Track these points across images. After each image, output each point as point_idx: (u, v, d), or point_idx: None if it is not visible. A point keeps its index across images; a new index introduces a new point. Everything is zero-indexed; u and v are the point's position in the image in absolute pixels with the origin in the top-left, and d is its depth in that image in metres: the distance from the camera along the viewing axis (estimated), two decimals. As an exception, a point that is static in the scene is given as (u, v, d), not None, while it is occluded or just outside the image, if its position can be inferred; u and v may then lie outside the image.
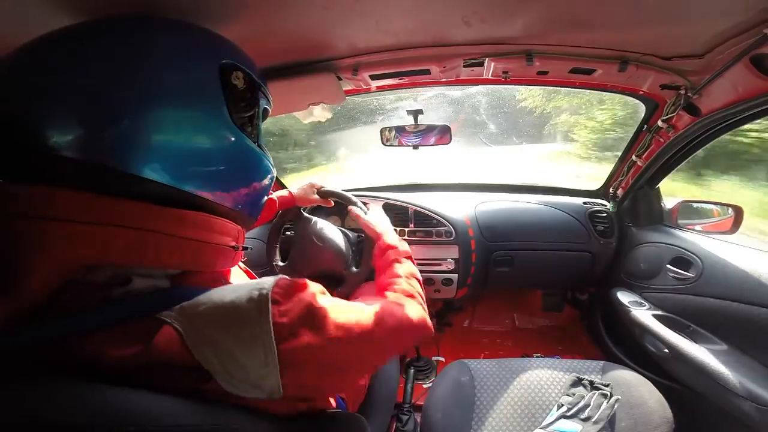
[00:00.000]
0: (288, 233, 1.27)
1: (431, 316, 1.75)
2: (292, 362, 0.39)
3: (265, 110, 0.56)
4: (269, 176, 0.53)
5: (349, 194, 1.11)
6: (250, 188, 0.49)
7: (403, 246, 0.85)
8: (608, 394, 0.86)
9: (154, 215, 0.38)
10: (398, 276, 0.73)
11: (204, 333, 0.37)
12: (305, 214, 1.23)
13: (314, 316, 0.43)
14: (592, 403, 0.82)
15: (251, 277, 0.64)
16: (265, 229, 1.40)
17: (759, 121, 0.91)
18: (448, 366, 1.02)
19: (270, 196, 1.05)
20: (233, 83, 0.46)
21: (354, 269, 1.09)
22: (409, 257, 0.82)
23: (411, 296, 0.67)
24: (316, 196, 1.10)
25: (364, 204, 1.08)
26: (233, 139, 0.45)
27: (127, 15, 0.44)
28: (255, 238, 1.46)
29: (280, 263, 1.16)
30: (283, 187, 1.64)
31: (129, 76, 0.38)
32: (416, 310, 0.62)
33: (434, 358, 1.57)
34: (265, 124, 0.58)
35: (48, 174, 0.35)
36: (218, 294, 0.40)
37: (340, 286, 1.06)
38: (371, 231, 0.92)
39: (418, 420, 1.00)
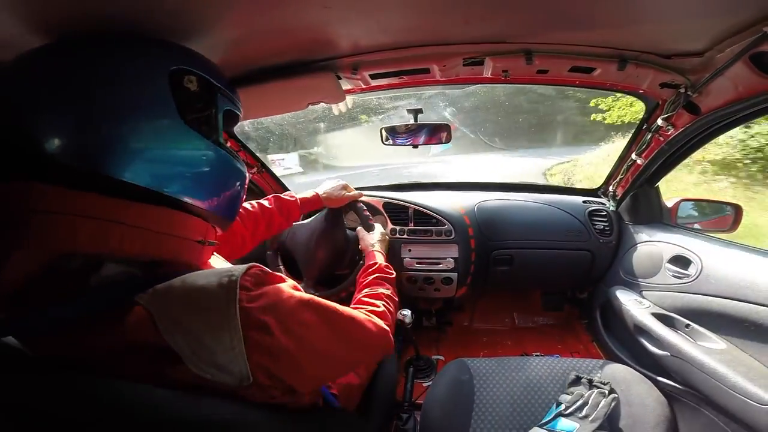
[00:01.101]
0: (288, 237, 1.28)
1: (431, 314, 1.77)
2: (257, 349, 0.42)
3: (230, 112, 0.56)
4: (236, 177, 0.55)
5: (364, 211, 1.19)
6: (216, 188, 0.52)
7: (389, 270, 0.90)
8: (607, 392, 0.86)
9: (118, 208, 0.41)
10: (376, 296, 0.77)
11: (173, 315, 0.39)
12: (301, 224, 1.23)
13: (281, 309, 0.46)
14: (590, 402, 0.82)
15: None
16: None
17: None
18: (448, 365, 1.02)
19: (292, 199, 1.06)
20: (185, 86, 0.49)
21: (354, 268, 1.09)
22: (391, 282, 0.86)
23: (381, 316, 0.70)
24: (347, 195, 1.17)
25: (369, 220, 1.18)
26: (186, 138, 0.48)
27: (86, 36, 0.47)
28: None
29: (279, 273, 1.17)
30: (283, 187, 1.64)
31: (85, 88, 0.42)
32: (381, 329, 0.64)
33: (434, 357, 1.57)
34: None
35: (25, 172, 0.39)
36: (191, 278, 0.42)
37: (341, 283, 1.07)
38: (365, 247, 1.03)
39: (418, 419, 1.00)
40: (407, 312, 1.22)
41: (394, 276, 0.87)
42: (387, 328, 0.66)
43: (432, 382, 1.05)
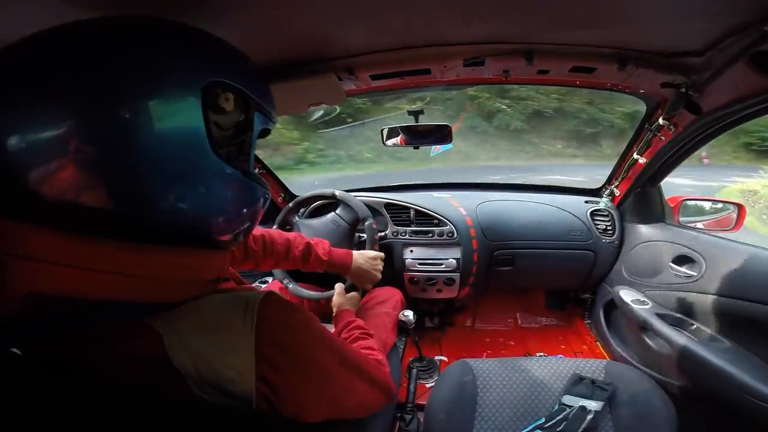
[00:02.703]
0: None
1: (434, 315, 1.77)
2: (264, 380, 0.40)
3: (266, 130, 0.50)
4: (257, 204, 0.48)
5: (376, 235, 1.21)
6: (233, 220, 0.45)
7: (368, 330, 0.84)
8: (605, 392, 0.86)
9: (128, 257, 0.36)
10: (369, 346, 0.74)
11: (184, 335, 0.37)
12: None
13: (295, 344, 0.44)
14: (571, 417, 0.81)
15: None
16: None
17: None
18: (451, 365, 1.02)
19: (320, 255, 1.02)
20: (221, 106, 0.40)
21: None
22: (371, 334, 0.82)
23: (383, 364, 0.68)
24: (375, 274, 1.10)
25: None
26: (215, 172, 0.40)
27: (97, 23, 0.38)
28: None
29: (290, 285, 1.21)
30: (283, 187, 1.64)
31: (93, 102, 0.34)
32: (386, 375, 0.64)
33: (437, 358, 1.57)
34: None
35: (22, 211, 0.34)
36: (204, 302, 0.40)
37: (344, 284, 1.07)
38: (339, 304, 0.95)
39: (421, 419, 1.00)
40: (410, 313, 1.22)
41: (373, 332, 0.84)
42: (389, 376, 0.65)
43: (435, 382, 1.05)
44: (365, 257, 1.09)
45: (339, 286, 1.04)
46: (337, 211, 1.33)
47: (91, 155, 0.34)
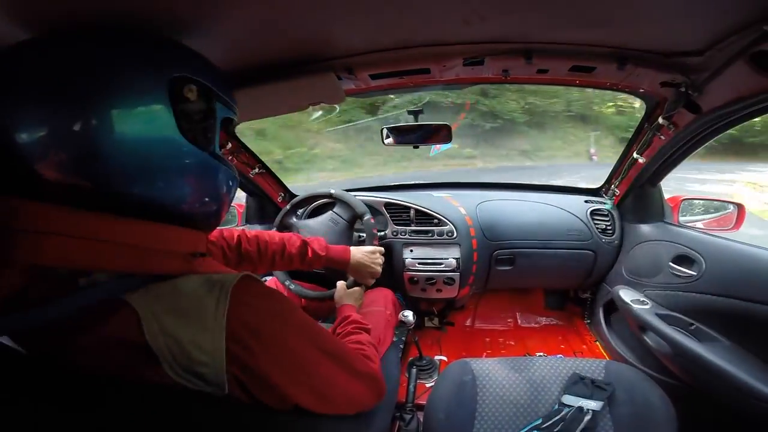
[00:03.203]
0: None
1: (434, 315, 1.77)
2: (236, 362, 0.41)
3: (227, 119, 0.55)
4: (226, 184, 0.53)
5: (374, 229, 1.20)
6: (205, 198, 0.50)
7: (367, 323, 0.85)
8: (605, 392, 0.86)
9: (108, 226, 0.40)
10: (360, 341, 0.73)
11: (159, 317, 0.38)
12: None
13: (269, 327, 0.45)
14: (568, 418, 0.81)
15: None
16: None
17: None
18: (451, 365, 1.02)
19: (317, 251, 1.02)
20: (185, 96, 0.47)
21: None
22: (369, 332, 0.82)
23: (370, 359, 0.67)
24: (375, 269, 1.10)
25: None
26: (184, 153, 0.46)
27: (79, 30, 0.44)
28: None
29: (291, 286, 1.21)
30: (283, 187, 1.64)
31: (73, 94, 0.39)
32: (372, 367, 0.64)
33: (436, 358, 1.57)
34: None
35: (11, 184, 0.38)
36: (182, 281, 0.42)
37: (344, 281, 1.08)
38: (339, 300, 0.97)
39: (421, 419, 1.00)
40: (409, 313, 1.22)
41: (370, 327, 0.83)
42: (376, 370, 0.64)
43: (435, 382, 1.05)
44: (363, 251, 1.09)
45: (340, 284, 1.04)
46: (334, 210, 1.33)
47: (77, 142, 0.39)
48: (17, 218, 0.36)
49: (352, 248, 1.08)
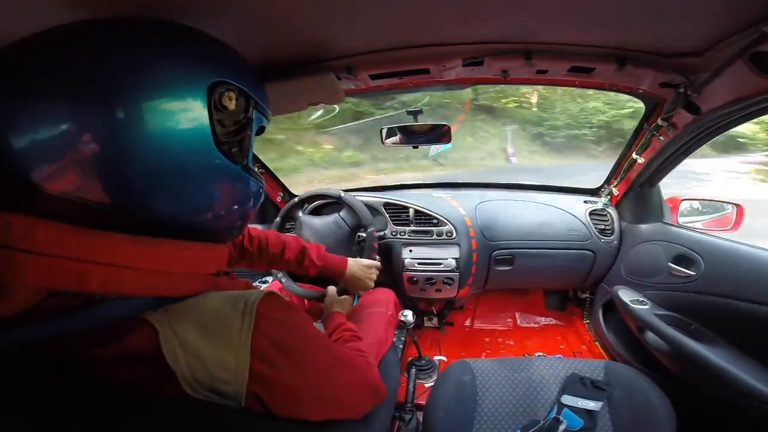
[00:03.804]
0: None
1: (433, 315, 1.77)
2: (257, 380, 0.39)
3: (261, 128, 0.52)
4: (254, 200, 0.50)
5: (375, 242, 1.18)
6: (233, 214, 0.47)
7: (354, 329, 0.84)
8: (604, 392, 0.86)
9: (131, 249, 0.37)
10: (358, 347, 0.74)
11: (180, 333, 0.37)
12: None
13: (292, 343, 0.44)
14: (545, 428, 0.82)
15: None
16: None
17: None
18: (450, 365, 1.02)
19: (314, 259, 1.01)
20: (224, 105, 0.42)
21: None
22: (360, 337, 0.82)
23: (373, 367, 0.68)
24: (369, 281, 1.08)
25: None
26: (218, 168, 0.42)
27: (104, 22, 0.39)
28: None
29: (283, 279, 1.20)
30: (283, 187, 1.64)
31: (102, 100, 0.35)
32: (375, 382, 0.64)
33: (436, 358, 1.57)
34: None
35: (28, 204, 0.35)
36: (204, 300, 0.40)
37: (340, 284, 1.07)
38: (328, 307, 0.96)
39: (420, 419, 1.00)
40: (409, 313, 1.22)
41: (362, 336, 0.83)
42: (378, 377, 0.66)
43: (434, 382, 1.05)
44: (360, 264, 1.08)
45: (331, 289, 1.04)
46: (340, 213, 1.32)
47: (99, 153, 0.35)
48: (33, 240, 0.33)
49: (350, 260, 1.07)
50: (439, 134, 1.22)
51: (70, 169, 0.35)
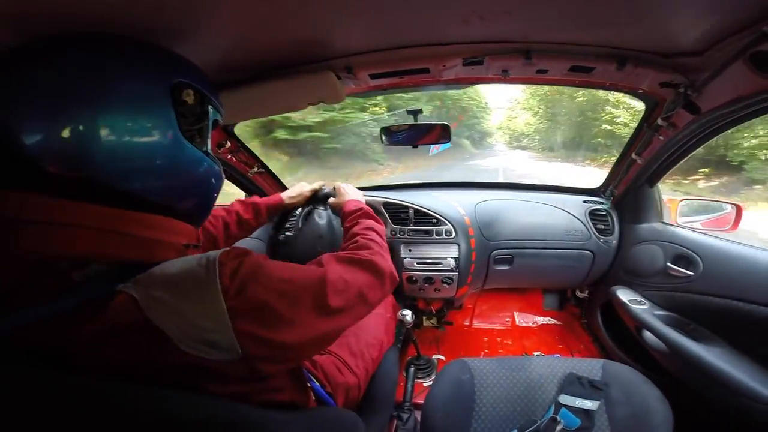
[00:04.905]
0: (281, 237, 1.28)
1: (432, 314, 1.77)
2: (241, 315, 0.42)
3: (215, 121, 0.59)
4: (215, 181, 0.57)
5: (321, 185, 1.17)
6: (198, 192, 0.54)
7: (362, 207, 0.89)
8: (602, 392, 0.86)
9: (114, 217, 0.43)
10: (355, 234, 0.77)
11: (156, 295, 0.40)
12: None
13: (259, 272, 0.46)
14: (542, 429, 0.82)
15: None
16: (264, 230, 1.40)
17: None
18: (449, 364, 1.02)
19: (256, 203, 1.06)
20: (184, 99, 0.51)
21: None
22: (367, 215, 0.86)
23: (366, 247, 0.70)
24: (307, 191, 1.15)
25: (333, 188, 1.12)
26: (184, 150, 0.50)
27: (87, 34, 0.47)
28: (257, 238, 1.46)
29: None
30: (282, 186, 1.64)
31: (83, 94, 0.42)
32: (374, 257, 0.65)
33: (434, 357, 1.57)
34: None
35: (21, 179, 0.39)
36: (170, 263, 0.44)
37: None
38: (338, 207, 0.98)
39: (419, 418, 1.00)
40: (408, 312, 1.22)
41: (367, 210, 0.86)
42: (382, 260, 0.66)
43: (432, 381, 1.05)
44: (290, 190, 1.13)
45: (337, 185, 1.06)
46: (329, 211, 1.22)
47: (86, 139, 0.42)
48: (26, 210, 0.38)
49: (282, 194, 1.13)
50: (440, 134, 1.22)
51: (66, 153, 0.41)
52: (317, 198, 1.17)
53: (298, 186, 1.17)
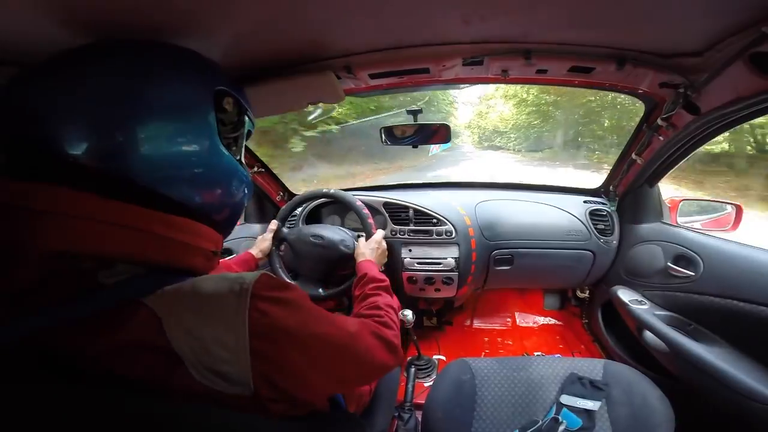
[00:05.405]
0: (283, 248, 1.31)
1: (432, 314, 1.77)
2: (262, 359, 0.40)
3: (249, 132, 0.60)
4: (247, 191, 0.58)
5: (363, 209, 1.22)
6: (230, 201, 0.54)
7: (382, 278, 0.89)
8: (603, 392, 0.86)
9: (144, 217, 0.41)
10: (376, 306, 0.75)
11: (180, 317, 0.38)
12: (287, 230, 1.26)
13: (291, 319, 0.45)
14: (544, 429, 0.82)
15: None
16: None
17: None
18: (449, 365, 1.02)
19: (229, 266, 1.05)
20: (224, 107, 0.52)
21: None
22: (387, 290, 0.85)
23: (386, 326, 0.67)
24: (269, 237, 1.24)
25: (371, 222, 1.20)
26: (222, 158, 0.50)
27: (130, 41, 0.48)
28: (250, 237, 1.47)
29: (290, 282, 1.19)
30: (282, 187, 1.65)
31: (133, 100, 0.42)
32: (389, 341, 0.63)
33: (435, 357, 1.57)
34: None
35: (53, 174, 0.38)
36: (201, 282, 0.42)
37: (346, 282, 1.08)
38: (357, 256, 1.05)
39: (419, 418, 1.00)
40: (408, 312, 1.22)
41: (388, 283, 0.85)
42: (395, 339, 0.65)
43: (433, 381, 1.05)
44: (367, 246, 1.12)
45: (360, 240, 1.12)
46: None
47: (131, 140, 0.42)
48: (54, 201, 0.37)
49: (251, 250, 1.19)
50: (439, 134, 1.22)
51: (107, 152, 0.41)
52: (279, 238, 1.30)
53: (259, 239, 1.26)
